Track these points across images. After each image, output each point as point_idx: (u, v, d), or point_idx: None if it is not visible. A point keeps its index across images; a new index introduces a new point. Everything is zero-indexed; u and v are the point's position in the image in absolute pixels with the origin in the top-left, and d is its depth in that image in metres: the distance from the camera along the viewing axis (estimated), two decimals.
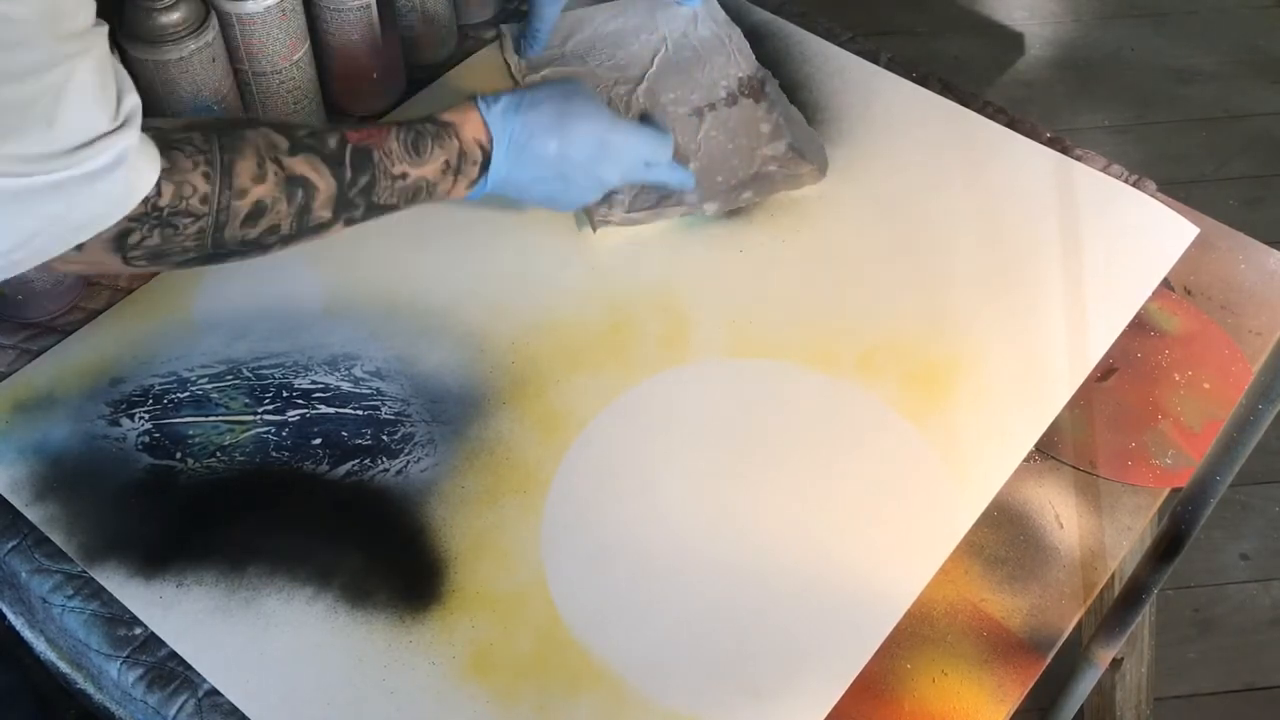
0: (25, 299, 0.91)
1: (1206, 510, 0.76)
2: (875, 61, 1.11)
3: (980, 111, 1.07)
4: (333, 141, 0.78)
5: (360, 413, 0.88)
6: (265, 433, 0.87)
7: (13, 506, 0.83)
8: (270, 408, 0.88)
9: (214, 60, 0.91)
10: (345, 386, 0.89)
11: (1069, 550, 0.82)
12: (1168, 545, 0.80)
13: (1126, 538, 0.83)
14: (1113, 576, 0.87)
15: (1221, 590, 1.62)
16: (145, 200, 0.68)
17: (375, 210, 0.81)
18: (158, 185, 0.68)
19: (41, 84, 0.60)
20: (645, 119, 0.98)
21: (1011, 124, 1.06)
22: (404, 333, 0.92)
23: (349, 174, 0.78)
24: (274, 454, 0.86)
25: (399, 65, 1.07)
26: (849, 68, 1.11)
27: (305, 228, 0.77)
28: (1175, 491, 0.82)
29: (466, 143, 0.84)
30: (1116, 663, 1.24)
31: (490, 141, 0.84)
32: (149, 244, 0.70)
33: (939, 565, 0.81)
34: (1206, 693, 1.53)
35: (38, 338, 0.92)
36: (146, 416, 0.87)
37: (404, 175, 0.80)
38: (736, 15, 1.12)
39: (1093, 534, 0.83)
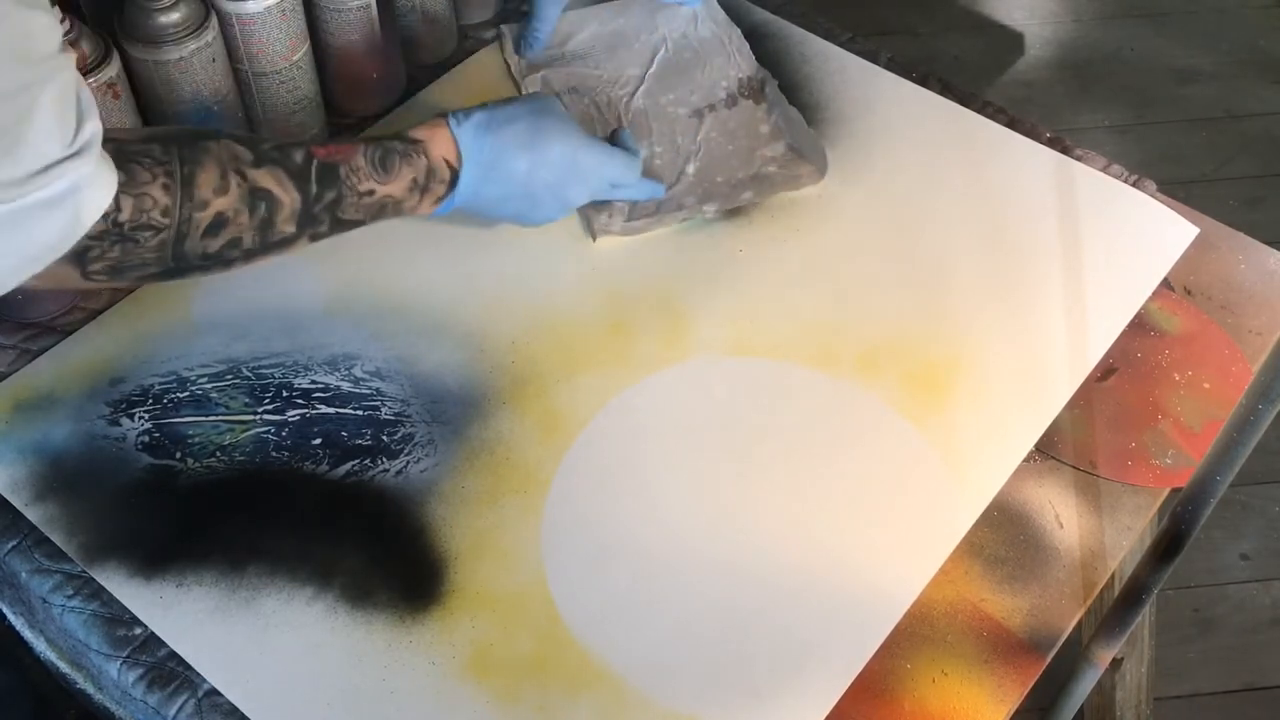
0: (25, 299, 0.91)
1: (1206, 510, 0.76)
2: (875, 61, 1.11)
3: (980, 111, 1.07)
4: (299, 156, 0.77)
5: (360, 413, 0.88)
6: (265, 433, 0.87)
7: (13, 506, 0.83)
8: (270, 408, 0.88)
9: (214, 60, 0.91)
10: (345, 386, 0.89)
11: (1069, 550, 0.82)
12: (1168, 545, 0.80)
13: (1126, 538, 0.83)
14: (1113, 576, 0.87)
15: (1221, 590, 1.62)
16: (105, 216, 0.67)
17: (340, 226, 0.80)
18: (116, 200, 0.67)
19: (4, 110, 0.58)
20: (615, 138, 0.99)
21: (1011, 124, 1.06)
22: (404, 333, 0.92)
23: (314, 189, 0.77)
24: (274, 454, 0.86)
25: (399, 65, 1.07)
26: (849, 68, 1.10)
27: (268, 242, 0.76)
28: (1175, 491, 0.82)
29: (434, 160, 0.83)
30: (1116, 663, 1.24)
31: (459, 160, 0.84)
32: (109, 258, 0.69)
33: (939, 565, 0.81)
34: (1206, 693, 1.53)
35: (38, 338, 0.92)
36: (146, 416, 0.87)
37: (370, 192, 0.80)
38: (736, 15, 1.12)
39: (1093, 534, 0.83)
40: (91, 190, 0.65)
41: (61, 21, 0.83)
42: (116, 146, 0.68)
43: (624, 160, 0.93)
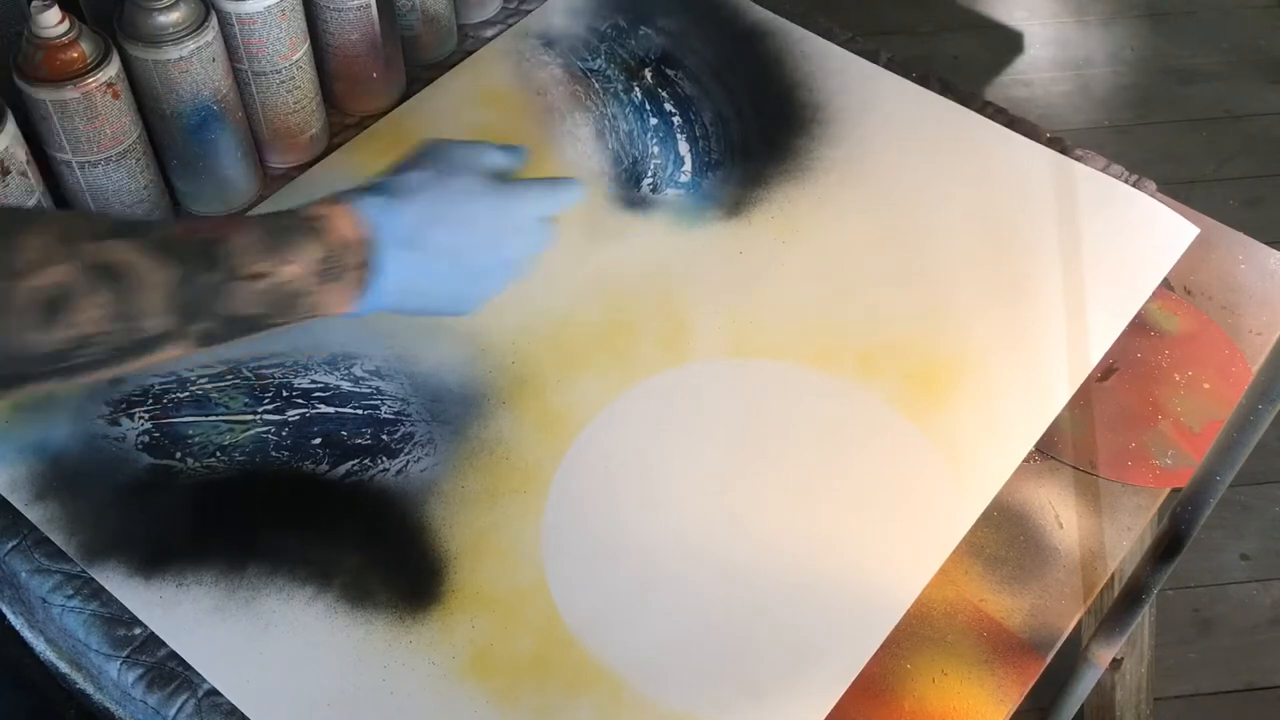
0: None
1: (1206, 510, 0.76)
2: (875, 61, 1.11)
3: (980, 111, 1.07)
4: (157, 231, 0.64)
5: (360, 412, 0.88)
6: (265, 432, 0.87)
7: (13, 506, 0.83)
8: (270, 407, 0.88)
9: (214, 60, 0.91)
10: (345, 386, 0.89)
11: (1069, 550, 0.82)
12: (1168, 545, 0.80)
13: (1126, 538, 0.83)
14: (1113, 576, 0.87)
15: (1221, 590, 1.62)
16: None
17: (237, 325, 0.66)
18: None
19: None
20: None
21: (1011, 124, 1.06)
22: (404, 332, 0.92)
23: (181, 270, 0.62)
24: (274, 454, 0.86)
25: (399, 65, 1.07)
26: (849, 67, 1.10)
27: (137, 339, 0.62)
28: (1175, 491, 0.82)
29: (340, 236, 0.70)
30: (1116, 663, 1.24)
31: (371, 234, 0.71)
32: None
33: (939, 565, 0.81)
34: (1206, 693, 1.53)
35: None
36: (146, 416, 0.87)
37: (262, 275, 0.66)
38: (735, 13, 1.12)
39: (1093, 534, 0.83)
40: None
41: (61, 21, 0.84)
42: None
43: (551, 189, 0.81)
